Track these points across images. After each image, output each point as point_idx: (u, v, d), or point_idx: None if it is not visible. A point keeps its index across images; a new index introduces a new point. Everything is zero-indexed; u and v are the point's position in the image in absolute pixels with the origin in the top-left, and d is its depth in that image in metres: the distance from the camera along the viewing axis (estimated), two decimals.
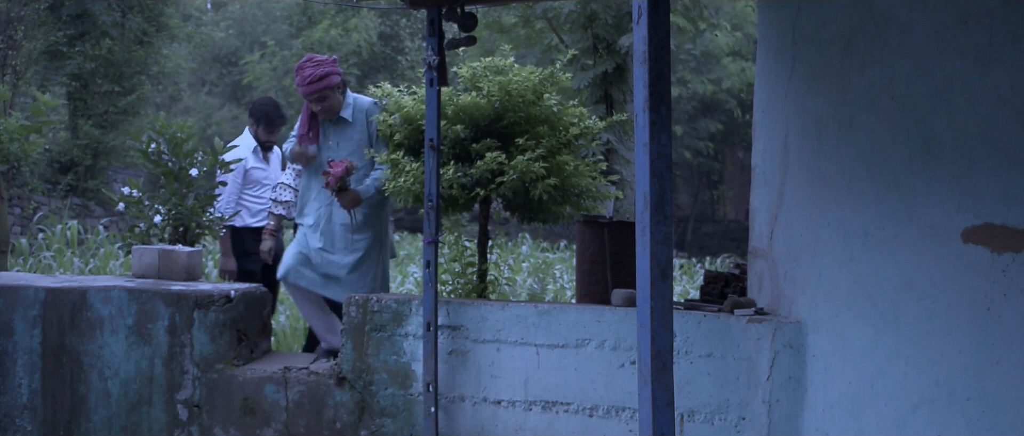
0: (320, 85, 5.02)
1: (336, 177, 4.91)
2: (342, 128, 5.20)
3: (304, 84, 5.02)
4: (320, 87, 5.02)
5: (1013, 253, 3.38)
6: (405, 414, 4.58)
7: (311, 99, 5.06)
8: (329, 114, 5.15)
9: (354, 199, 5.05)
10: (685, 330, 4.17)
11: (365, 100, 5.24)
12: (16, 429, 4.89)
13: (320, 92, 5.04)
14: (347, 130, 5.20)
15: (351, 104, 5.19)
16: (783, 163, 4.19)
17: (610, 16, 10.33)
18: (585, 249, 5.40)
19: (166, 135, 8.04)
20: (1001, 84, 3.41)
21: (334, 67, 5.07)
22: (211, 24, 28.08)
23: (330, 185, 4.94)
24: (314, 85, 5.01)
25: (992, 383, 3.43)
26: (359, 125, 5.19)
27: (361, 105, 5.20)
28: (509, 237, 17.27)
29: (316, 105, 5.09)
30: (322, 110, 5.11)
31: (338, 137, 5.21)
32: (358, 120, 5.19)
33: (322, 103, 5.09)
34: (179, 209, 7.84)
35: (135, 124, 16.59)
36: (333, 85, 5.06)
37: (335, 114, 5.16)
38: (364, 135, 5.19)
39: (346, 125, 5.20)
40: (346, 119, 5.17)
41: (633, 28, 2.47)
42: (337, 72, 5.08)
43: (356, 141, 5.20)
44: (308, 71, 5.02)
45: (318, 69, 5.01)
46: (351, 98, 5.21)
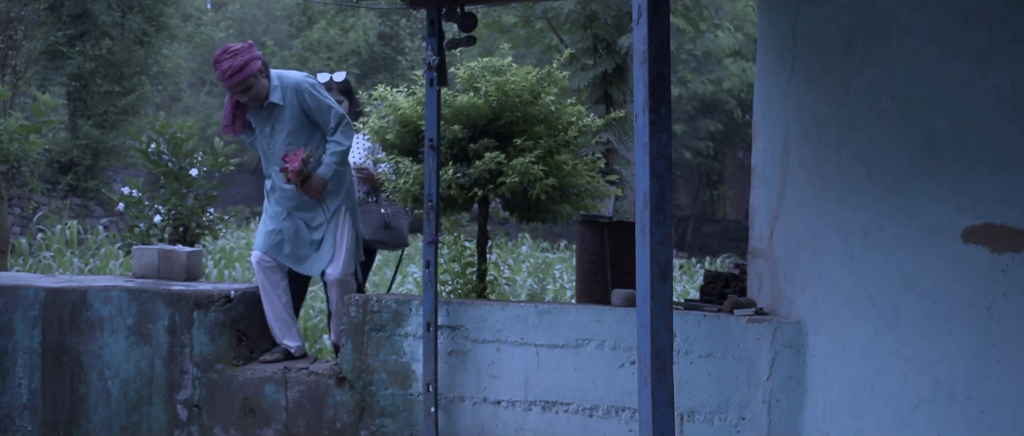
0: (241, 76, 4.73)
1: (295, 172, 4.72)
2: (275, 113, 4.91)
3: (225, 78, 4.74)
4: (242, 77, 4.73)
5: (1013, 253, 3.38)
6: (405, 414, 4.58)
7: (236, 91, 4.80)
8: (257, 101, 4.86)
9: (319, 186, 4.85)
10: (685, 330, 4.17)
11: (292, 76, 4.95)
12: (16, 429, 4.89)
13: (244, 82, 4.75)
14: (281, 113, 4.90)
15: (278, 86, 4.88)
16: (783, 163, 4.19)
17: (610, 16, 10.33)
18: (585, 249, 5.40)
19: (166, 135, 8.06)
20: (1001, 84, 3.41)
21: (252, 52, 4.79)
22: (211, 24, 28.07)
23: (292, 180, 4.75)
24: (235, 77, 4.72)
25: (992, 383, 3.43)
26: (292, 105, 4.88)
27: (289, 83, 4.90)
28: (509, 237, 17.27)
29: (242, 96, 4.82)
30: (250, 99, 4.84)
31: (272, 122, 4.92)
32: (289, 100, 4.88)
33: (248, 92, 4.81)
34: (179, 209, 7.85)
35: (135, 124, 16.59)
36: (255, 71, 4.77)
37: (264, 100, 4.87)
38: (299, 113, 4.90)
39: (278, 109, 4.90)
40: (277, 103, 4.88)
41: (633, 28, 2.47)
42: (256, 57, 4.80)
43: (293, 122, 4.91)
44: (226, 63, 4.73)
45: (236, 59, 4.73)
46: (276, 79, 4.90)
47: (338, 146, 4.89)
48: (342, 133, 4.90)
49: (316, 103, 4.89)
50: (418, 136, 5.09)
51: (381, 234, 5.56)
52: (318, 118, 4.91)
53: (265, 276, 4.96)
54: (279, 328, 5.01)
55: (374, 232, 5.52)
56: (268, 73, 4.87)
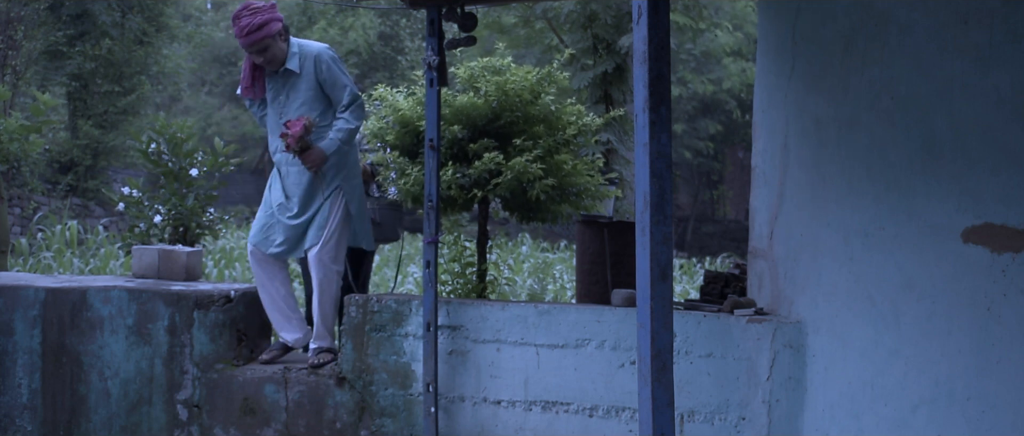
0: (259, 34, 4.51)
1: (295, 138, 4.49)
2: (291, 80, 4.68)
3: (242, 35, 4.52)
4: (259, 36, 4.52)
5: (1013, 253, 3.38)
6: (405, 414, 4.58)
7: (252, 50, 4.56)
8: (273, 65, 4.64)
9: (319, 158, 4.59)
10: (685, 330, 4.17)
11: (313, 46, 4.73)
12: (16, 429, 4.89)
13: (260, 42, 4.53)
14: (296, 82, 4.67)
15: (297, 53, 4.67)
16: (783, 163, 4.19)
17: (610, 16, 10.34)
18: (585, 249, 5.41)
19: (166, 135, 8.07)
20: (1001, 84, 3.41)
21: (273, 12, 4.58)
22: (211, 24, 28.08)
23: (291, 147, 4.53)
24: (253, 35, 4.51)
25: (992, 383, 3.43)
26: (308, 75, 4.67)
27: (308, 52, 4.68)
28: (509, 237, 17.27)
29: (258, 57, 4.60)
30: (265, 62, 4.61)
31: (287, 90, 4.70)
32: (306, 70, 4.66)
33: (264, 54, 4.58)
34: (179, 209, 7.86)
35: (135, 124, 16.60)
36: (273, 33, 4.55)
37: (280, 65, 4.64)
38: (314, 84, 4.68)
39: (294, 77, 4.67)
40: (293, 70, 4.65)
41: (633, 28, 2.47)
42: (277, 18, 4.59)
43: (308, 93, 4.69)
44: (245, 20, 4.52)
45: (256, 17, 4.51)
46: (297, 46, 4.69)
47: (347, 124, 4.65)
48: (353, 112, 4.68)
49: (331, 76, 4.67)
50: (418, 136, 5.10)
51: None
52: (331, 93, 4.69)
53: (260, 267, 4.79)
54: (277, 320, 4.85)
55: None
56: (288, 37, 4.67)
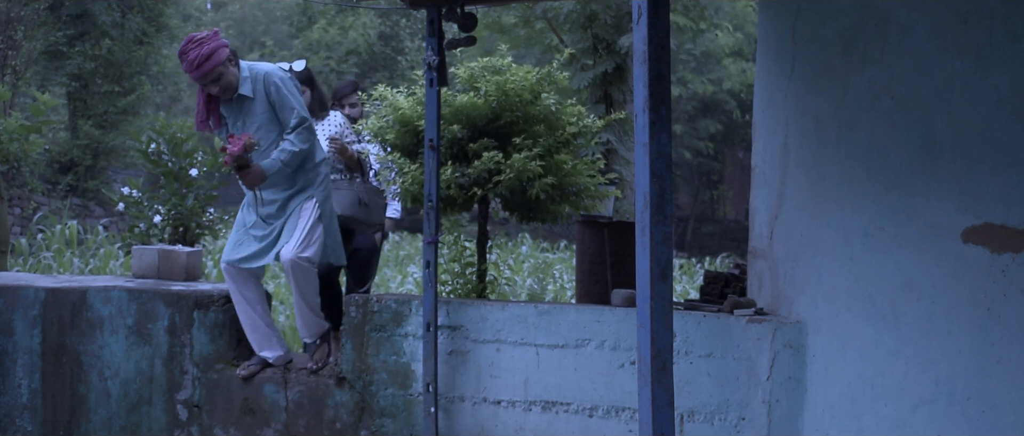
0: (210, 65, 4.42)
1: (233, 155, 4.36)
2: (246, 105, 4.60)
3: (193, 68, 4.43)
4: (210, 67, 4.42)
5: (1013, 253, 3.38)
6: (405, 414, 4.58)
7: (205, 82, 4.48)
8: (228, 93, 4.55)
9: (257, 176, 4.51)
10: (685, 330, 4.17)
11: (262, 67, 4.64)
12: (16, 429, 4.88)
13: (212, 72, 4.44)
14: (251, 106, 4.59)
15: (248, 77, 4.58)
16: (783, 163, 4.19)
17: (610, 16, 10.34)
18: (585, 249, 5.40)
19: (166, 135, 8.07)
20: (1001, 84, 3.41)
21: (218, 40, 4.49)
22: (211, 24, 28.08)
23: (228, 164, 4.42)
24: (204, 67, 4.42)
25: (992, 383, 3.43)
26: (260, 98, 4.58)
27: (259, 74, 4.59)
28: (509, 237, 17.26)
29: (213, 87, 4.51)
30: (220, 91, 4.53)
31: (243, 116, 4.61)
32: (259, 92, 4.58)
33: (218, 83, 4.50)
34: (179, 209, 7.86)
35: (135, 124, 16.59)
36: (223, 60, 4.45)
37: (234, 92, 4.56)
38: (268, 105, 4.60)
39: (248, 101, 4.59)
40: (247, 96, 4.57)
41: (633, 28, 2.47)
42: (223, 45, 4.49)
43: (263, 116, 4.61)
44: (192, 53, 4.41)
45: (202, 48, 4.42)
46: (247, 70, 4.59)
47: (291, 146, 4.54)
48: (298, 134, 4.56)
49: (280, 98, 4.59)
50: (418, 136, 5.09)
51: (356, 210, 5.29)
52: (280, 114, 4.61)
53: (235, 283, 4.67)
54: (256, 339, 4.74)
55: (348, 208, 5.25)
56: (237, 62, 4.58)
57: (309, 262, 4.58)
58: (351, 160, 5.40)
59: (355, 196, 5.30)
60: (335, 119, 5.51)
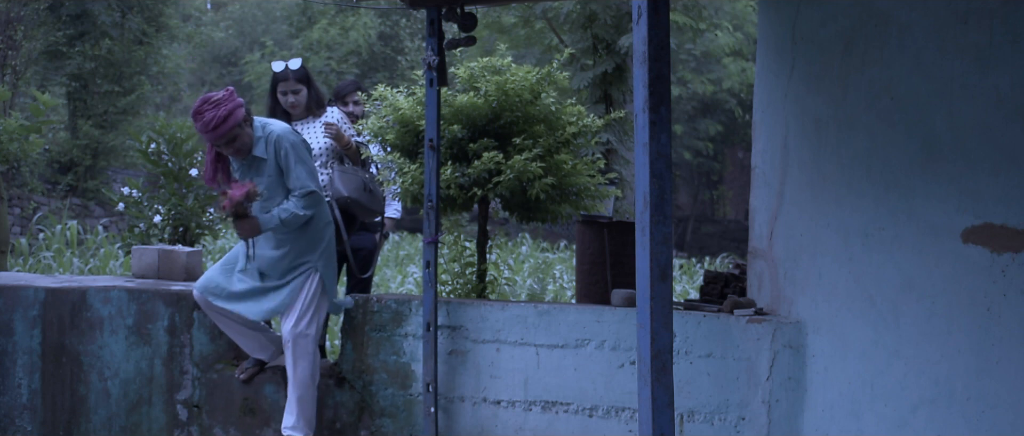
0: (226, 127, 4.28)
1: (233, 201, 4.22)
2: (257, 165, 4.46)
3: (208, 130, 4.27)
4: (226, 129, 4.28)
5: (1013, 253, 3.38)
6: (405, 414, 4.58)
7: (220, 143, 4.34)
8: (242, 155, 4.42)
9: (252, 228, 4.35)
10: (685, 330, 4.17)
11: (276, 127, 4.50)
12: (16, 429, 4.88)
13: (228, 133, 4.30)
14: (263, 166, 4.44)
15: (262, 137, 4.44)
16: (783, 163, 4.19)
17: (610, 16, 10.33)
18: (585, 249, 5.40)
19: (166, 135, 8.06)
20: (1001, 84, 3.41)
21: (235, 100, 4.33)
22: (211, 24, 28.10)
23: (225, 209, 4.26)
24: (220, 129, 4.27)
25: (992, 383, 3.43)
26: (272, 159, 4.45)
27: (272, 135, 4.45)
28: (509, 237, 17.27)
29: (227, 148, 4.37)
30: (234, 152, 4.39)
31: (253, 173, 4.47)
32: (271, 154, 4.44)
33: (233, 144, 4.36)
34: (179, 209, 7.86)
35: (135, 124, 16.59)
36: (239, 121, 4.31)
37: (248, 153, 4.43)
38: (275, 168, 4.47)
39: (261, 162, 4.44)
40: (260, 157, 4.43)
41: (633, 28, 2.47)
42: (240, 105, 4.35)
43: (273, 176, 4.47)
44: (208, 115, 4.26)
45: (219, 109, 4.27)
46: (260, 129, 4.45)
47: (293, 208, 4.39)
48: (303, 200, 4.42)
49: (287, 163, 4.43)
50: (418, 136, 5.09)
51: (361, 195, 5.16)
52: (287, 180, 4.45)
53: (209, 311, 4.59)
54: (246, 344, 4.66)
55: (354, 191, 5.14)
56: (252, 121, 4.45)
57: (310, 338, 4.46)
58: (350, 150, 5.29)
59: (361, 181, 5.23)
60: (332, 115, 5.45)
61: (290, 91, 5.32)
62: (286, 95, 5.33)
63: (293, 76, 5.33)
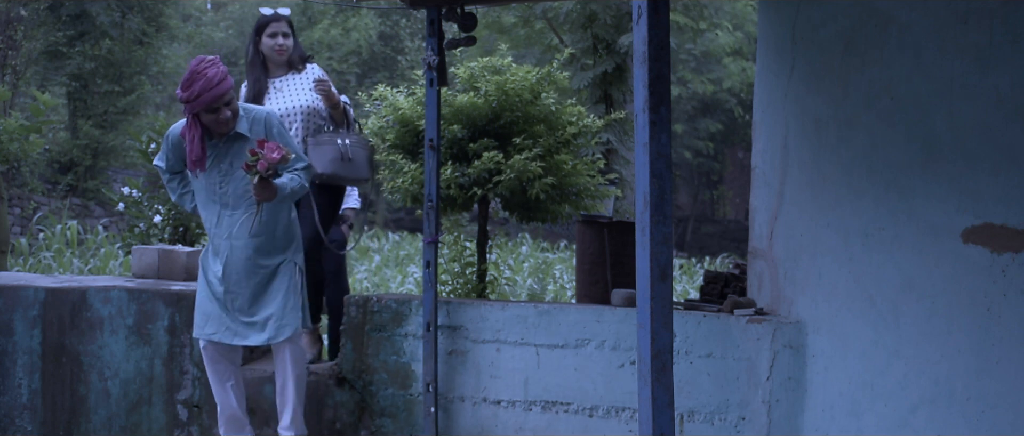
0: (227, 84, 4.07)
1: (269, 162, 3.98)
2: (235, 146, 4.19)
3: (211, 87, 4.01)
4: (228, 86, 4.07)
5: (1013, 253, 3.38)
6: (405, 414, 4.58)
7: (220, 103, 4.06)
8: (228, 126, 4.17)
9: (272, 193, 4.09)
10: (685, 330, 4.17)
11: (258, 109, 4.30)
12: (16, 429, 4.88)
13: (227, 93, 4.07)
14: (244, 146, 4.16)
15: (244, 116, 4.22)
16: (783, 163, 4.19)
17: (610, 16, 10.33)
18: (585, 249, 5.40)
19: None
20: (1001, 84, 3.41)
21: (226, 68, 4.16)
22: (211, 24, 28.07)
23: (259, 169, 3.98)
24: (223, 85, 4.04)
25: (992, 383, 3.43)
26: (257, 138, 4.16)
27: (258, 116, 4.25)
28: (509, 237, 17.27)
29: (222, 113, 4.09)
30: (225, 120, 4.13)
31: (234, 156, 4.19)
32: (256, 133, 4.20)
33: (228, 107, 4.10)
34: (179, 209, 7.85)
35: (135, 124, 16.59)
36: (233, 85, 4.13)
37: (230, 128, 4.18)
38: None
39: (243, 142, 4.18)
40: (243, 134, 4.18)
41: (633, 28, 2.47)
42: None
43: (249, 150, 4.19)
44: (211, 71, 4.03)
45: (219, 67, 4.07)
46: (243, 109, 4.25)
47: (300, 178, 4.23)
48: (303, 172, 4.26)
49: (283, 138, 4.26)
50: (418, 136, 5.09)
51: (338, 167, 4.83)
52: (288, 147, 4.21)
53: (214, 366, 4.28)
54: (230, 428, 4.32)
55: (329, 165, 4.81)
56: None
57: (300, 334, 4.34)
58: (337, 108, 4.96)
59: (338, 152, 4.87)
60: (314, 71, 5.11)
61: (280, 33, 4.97)
62: (276, 37, 4.97)
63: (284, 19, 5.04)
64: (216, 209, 4.23)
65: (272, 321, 4.18)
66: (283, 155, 4.02)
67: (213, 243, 4.27)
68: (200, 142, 4.16)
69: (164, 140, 4.39)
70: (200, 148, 4.16)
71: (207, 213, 4.28)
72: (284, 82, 5.01)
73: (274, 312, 4.19)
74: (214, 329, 4.20)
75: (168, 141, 4.34)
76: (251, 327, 4.21)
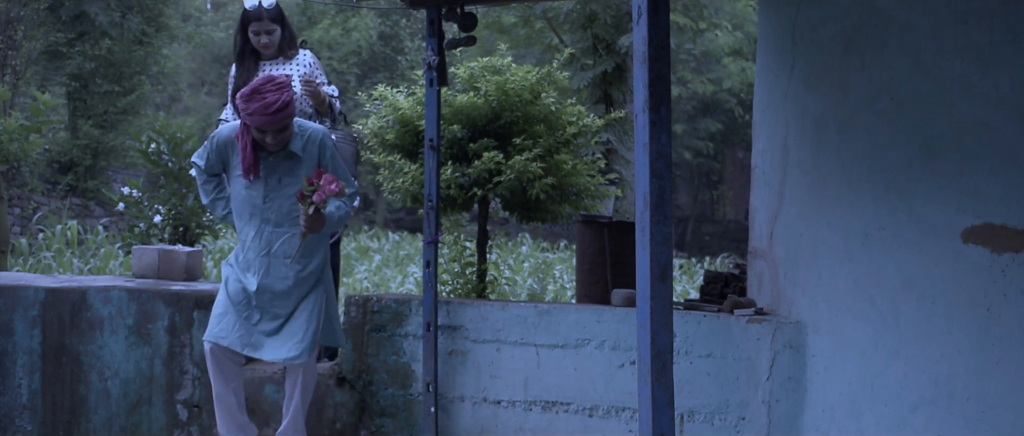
0: (285, 114, 3.97)
1: (327, 194, 3.92)
2: (290, 163, 4.13)
3: (268, 113, 3.93)
4: (285, 116, 3.98)
5: (1013, 253, 3.38)
6: (405, 414, 4.58)
7: (273, 128, 4.00)
8: (282, 146, 4.09)
9: (322, 223, 4.05)
10: (685, 330, 4.17)
11: (315, 129, 4.22)
12: (16, 429, 4.88)
13: (284, 121, 4.00)
14: (296, 166, 4.12)
15: (299, 134, 4.14)
16: (783, 163, 4.19)
17: (610, 16, 10.34)
18: (585, 249, 5.40)
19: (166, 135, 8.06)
20: (1001, 84, 3.41)
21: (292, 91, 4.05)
22: (211, 24, 28.07)
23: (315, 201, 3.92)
24: (280, 114, 3.95)
25: (992, 383, 3.43)
26: (310, 159, 4.14)
27: (313, 136, 4.18)
28: (509, 237, 17.26)
29: (273, 137, 4.02)
30: (277, 143, 4.05)
31: (281, 173, 4.12)
32: (309, 153, 4.14)
33: (282, 134, 4.04)
34: (179, 209, 7.85)
35: (135, 124, 16.59)
36: (293, 114, 4.05)
37: (284, 147, 4.11)
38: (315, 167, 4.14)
39: (295, 161, 4.12)
40: (296, 154, 4.11)
41: (633, 28, 2.47)
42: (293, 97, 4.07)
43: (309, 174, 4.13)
44: (271, 96, 3.93)
45: (283, 93, 3.95)
46: (297, 127, 4.16)
47: (346, 205, 4.19)
48: (349, 201, 4.21)
49: (334, 162, 4.19)
50: (418, 136, 5.09)
51: None
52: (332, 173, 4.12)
53: (218, 367, 4.14)
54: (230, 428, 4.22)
55: None
56: None
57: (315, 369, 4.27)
58: (322, 104, 4.92)
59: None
60: (305, 58, 5.04)
61: (264, 31, 4.88)
62: (259, 35, 4.89)
63: (268, 15, 4.90)
64: (256, 223, 4.13)
65: (294, 343, 4.07)
66: (340, 188, 3.93)
67: (246, 256, 4.15)
68: (252, 150, 4.09)
69: (209, 140, 4.27)
70: (253, 156, 4.09)
71: (244, 225, 4.17)
72: (274, 67, 4.96)
73: (299, 334, 4.09)
74: (228, 337, 4.09)
75: (213, 142, 4.23)
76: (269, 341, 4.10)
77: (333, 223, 4.11)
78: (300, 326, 4.10)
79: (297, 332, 4.09)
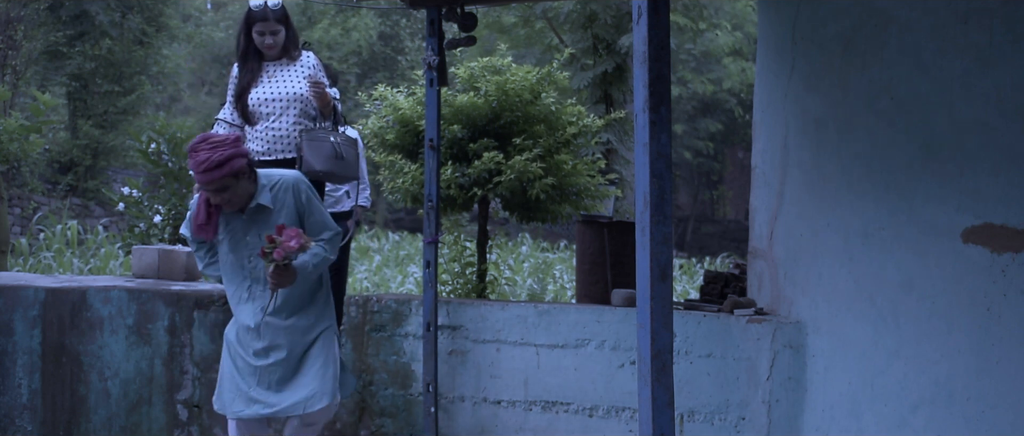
0: (220, 172, 3.75)
1: (287, 251, 3.72)
2: (264, 217, 3.92)
3: (200, 171, 3.75)
4: (220, 175, 3.75)
5: (1013, 253, 3.38)
6: (405, 414, 4.58)
7: (209, 189, 3.81)
8: (232, 206, 3.88)
9: (290, 279, 3.83)
10: (685, 330, 4.16)
11: (285, 176, 4.01)
12: (16, 429, 4.88)
13: (220, 181, 3.77)
14: (268, 218, 3.92)
15: (267, 185, 3.93)
16: (783, 163, 4.19)
17: (610, 16, 10.34)
18: (585, 249, 5.40)
19: (166, 135, 8.08)
20: (1001, 84, 3.41)
21: (238, 148, 3.81)
22: (211, 24, 28.08)
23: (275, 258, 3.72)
24: (212, 173, 3.74)
25: (992, 383, 3.43)
26: (285, 208, 3.94)
27: (283, 184, 3.97)
28: (509, 237, 17.27)
29: (215, 197, 3.84)
30: (222, 202, 3.85)
31: (261, 228, 3.91)
32: (283, 202, 3.94)
33: (222, 194, 3.82)
34: (179, 209, 7.86)
35: (135, 124, 16.59)
36: (236, 171, 3.78)
37: (241, 205, 3.89)
38: (293, 215, 3.95)
39: (267, 213, 3.92)
40: (266, 206, 3.91)
41: (633, 28, 2.47)
42: (242, 154, 3.82)
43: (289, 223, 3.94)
44: (203, 154, 3.75)
45: (215, 152, 3.75)
46: (266, 178, 3.96)
47: (323, 251, 3.95)
48: (331, 244, 4.01)
49: (310, 208, 3.99)
50: (418, 136, 5.10)
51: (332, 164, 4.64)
52: (307, 222, 3.97)
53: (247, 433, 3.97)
54: None
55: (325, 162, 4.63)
56: (255, 176, 3.93)
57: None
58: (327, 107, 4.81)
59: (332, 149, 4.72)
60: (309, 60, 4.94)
61: (269, 32, 4.74)
62: (264, 36, 4.76)
63: (273, 16, 4.78)
64: (247, 284, 3.98)
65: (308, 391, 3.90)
66: (301, 244, 3.75)
67: (243, 319, 3.97)
68: (206, 207, 3.93)
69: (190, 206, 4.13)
70: (205, 214, 3.94)
71: (235, 288, 4.01)
72: (278, 68, 4.88)
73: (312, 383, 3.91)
74: (243, 407, 3.92)
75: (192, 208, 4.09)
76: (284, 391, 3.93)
77: (307, 273, 3.89)
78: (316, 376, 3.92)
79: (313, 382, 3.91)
